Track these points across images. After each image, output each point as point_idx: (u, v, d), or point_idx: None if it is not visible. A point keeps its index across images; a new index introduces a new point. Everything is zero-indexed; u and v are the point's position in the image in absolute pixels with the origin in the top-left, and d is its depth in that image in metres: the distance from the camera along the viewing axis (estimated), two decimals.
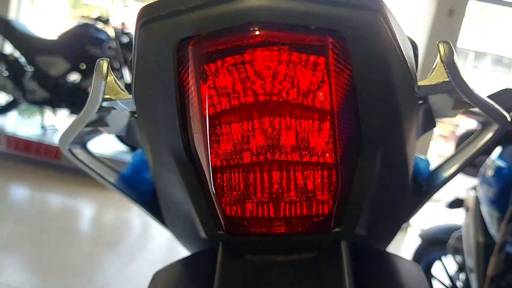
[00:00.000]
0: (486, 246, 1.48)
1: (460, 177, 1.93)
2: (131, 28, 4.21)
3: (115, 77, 0.42)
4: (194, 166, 0.40)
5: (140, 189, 0.65)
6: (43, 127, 4.29)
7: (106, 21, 4.06)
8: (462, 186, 1.89)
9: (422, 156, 0.72)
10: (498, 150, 1.49)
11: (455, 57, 0.42)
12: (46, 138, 4.13)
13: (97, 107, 0.43)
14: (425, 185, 0.64)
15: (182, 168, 0.40)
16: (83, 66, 4.10)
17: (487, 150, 1.55)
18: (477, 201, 1.61)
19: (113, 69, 4.04)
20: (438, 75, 0.42)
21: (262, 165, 0.37)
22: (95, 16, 4.09)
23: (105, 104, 0.43)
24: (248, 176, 0.38)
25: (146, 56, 0.37)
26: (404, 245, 3.49)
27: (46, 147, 4.01)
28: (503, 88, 1.75)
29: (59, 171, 3.99)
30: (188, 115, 0.38)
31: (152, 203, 0.64)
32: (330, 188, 0.39)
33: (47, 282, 2.42)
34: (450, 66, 0.41)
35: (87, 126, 0.49)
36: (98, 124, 0.51)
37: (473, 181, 1.74)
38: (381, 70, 0.36)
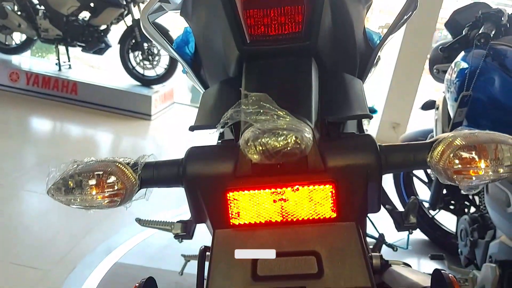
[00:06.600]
0: None
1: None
2: None
3: None
4: (233, 8, 0.71)
5: (182, 57, 0.95)
6: (57, 64, 4.54)
7: None
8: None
9: (376, 31, 1.02)
10: (461, 54, 1.77)
11: None
12: (62, 74, 4.41)
13: None
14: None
15: (228, 7, 0.70)
16: (92, 4, 4.30)
17: (451, 57, 1.83)
18: (444, 100, 1.92)
19: (119, 5, 4.25)
20: None
21: (265, 11, 0.71)
22: None
23: None
24: (258, 10, 0.71)
25: None
26: None
27: (62, 82, 4.30)
28: (472, 2, 2.00)
29: (77, 104, 4.29)
30: None
31: (191, 67, 0.95)
32: (302, 14, 0.71)
33: None
34: None
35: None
36: (163, 1, 0.80)
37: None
38: None
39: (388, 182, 2.56)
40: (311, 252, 0.61)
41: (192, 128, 0.70)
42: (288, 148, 0.54)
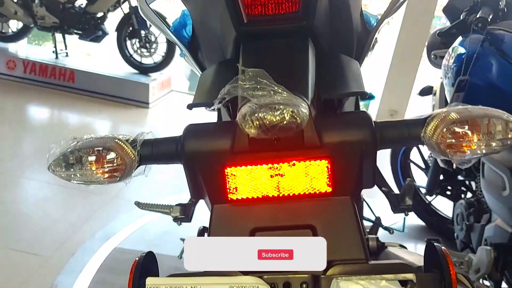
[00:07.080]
0: None
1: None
2: None
3: None
4: None
5: (180, 40, 0.96)
6: (54, 52, 4.52)
7: None
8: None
9: (373, 14, 1.02)
10: (459, 39, 1.77)
11: None
12: (59, 62, 4.39)
13: None
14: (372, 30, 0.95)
15: None
16: None
17: (449, 42, 1.83)
18: (442, 86, 1.92)
19: None
20: None
21: None
22: None
23: None
24: None
25: None
26: None
27: (60, 70, 4.28)
28: None
29: (74, 92, 4.28)
30: None
31: (189, 50, 0.95)
32: None
33: None
34: None
35: None
36: None
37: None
38: None
39: (385, 167, 2.59)
40: (307, 226, 0.62)
41: (190, 106, 0.71)
42: (285, 122, 0.55)
